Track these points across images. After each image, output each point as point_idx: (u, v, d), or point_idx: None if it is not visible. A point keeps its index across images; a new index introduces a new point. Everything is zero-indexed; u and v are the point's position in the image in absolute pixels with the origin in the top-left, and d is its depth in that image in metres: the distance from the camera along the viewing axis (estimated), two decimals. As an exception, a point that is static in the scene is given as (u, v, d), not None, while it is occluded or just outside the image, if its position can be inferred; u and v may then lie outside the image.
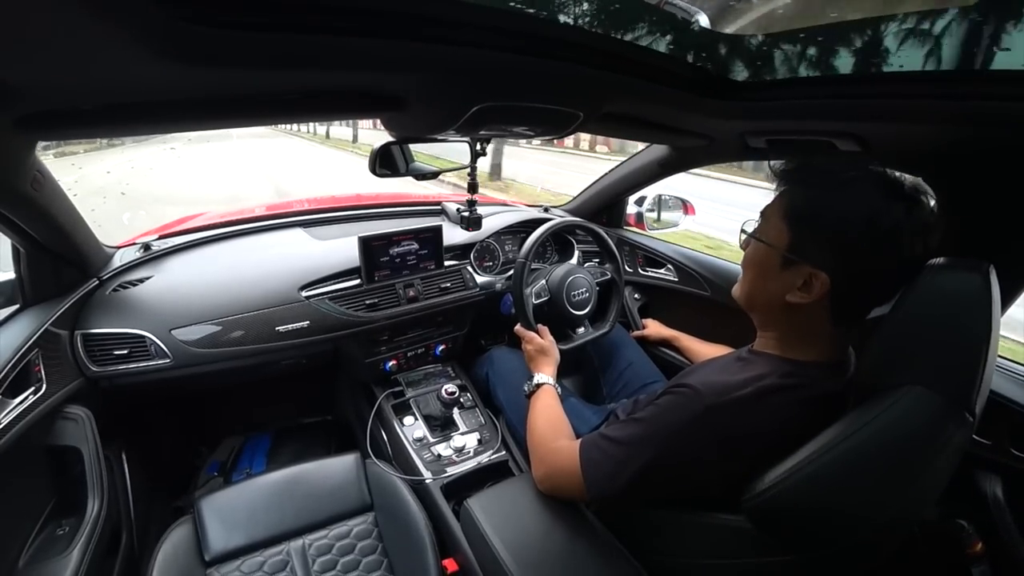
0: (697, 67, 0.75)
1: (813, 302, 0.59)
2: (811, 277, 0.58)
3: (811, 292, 0.59)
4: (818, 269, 0.58)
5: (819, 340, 0.63)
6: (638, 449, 0.66)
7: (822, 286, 0.58)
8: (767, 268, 0.63)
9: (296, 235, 1.36)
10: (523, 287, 1.20)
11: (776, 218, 0.62)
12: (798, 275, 0.59)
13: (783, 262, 0.61)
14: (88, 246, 1.02)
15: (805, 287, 0.59)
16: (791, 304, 0.60)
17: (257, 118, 0.68)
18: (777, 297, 0.62)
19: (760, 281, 0.65)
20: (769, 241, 0.62)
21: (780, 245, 0.61)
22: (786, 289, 0.61)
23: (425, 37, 0.51)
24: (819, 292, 0.58)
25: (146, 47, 0.40)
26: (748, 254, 0.67)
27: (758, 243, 0.64)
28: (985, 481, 0.82)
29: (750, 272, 0.67)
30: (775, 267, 0.62)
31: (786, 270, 0.61)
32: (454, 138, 0.92)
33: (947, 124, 0.68)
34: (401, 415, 1.25)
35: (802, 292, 0.59)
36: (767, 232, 0.63)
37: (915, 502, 0.54)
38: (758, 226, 0.65)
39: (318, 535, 0.96)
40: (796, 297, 0.60)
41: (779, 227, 0.61)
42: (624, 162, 1.52)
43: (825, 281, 0.58)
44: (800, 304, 0.60)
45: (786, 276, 0.61)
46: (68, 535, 0.85)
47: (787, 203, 0.61)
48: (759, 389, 0.60)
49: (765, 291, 0.64)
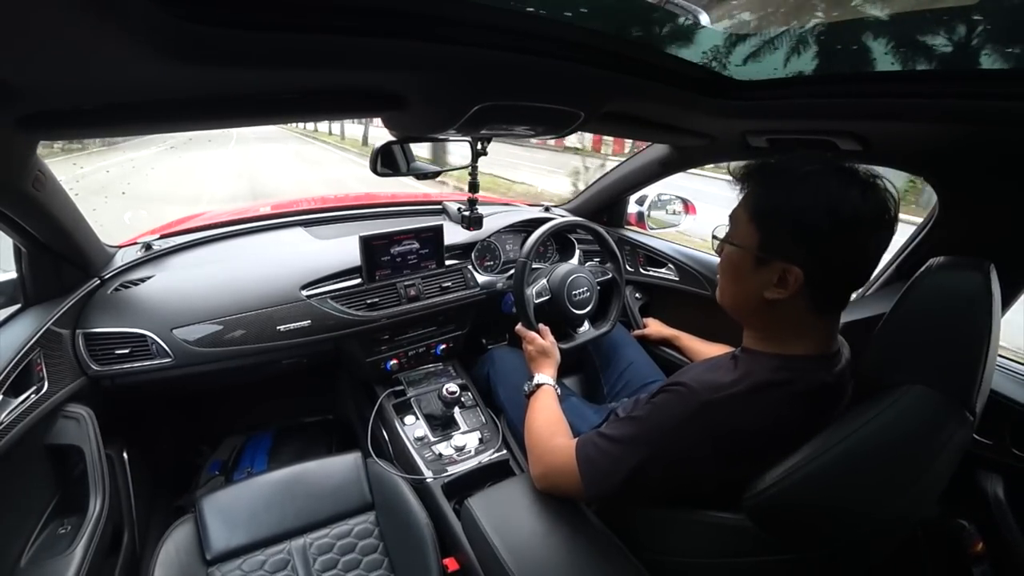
0: (698, 66, 0.75)
1: (791, 296, 0.60)
2: (785, 272, 0.60)
3: (787, 287, 0.60)
4: (790, 263, 0.59)
5: (806, 333, 0.64)
6: (634, 447, 0.67)
7: (796, 279, 0.59)
8: (742, 269, 0.65)
9: (297, 234, 1.36)
10: (524, 286, 1.20)
11: (743, 220, 0.63)
12: (772, 272, 0.61)
13: (756, 261, 0.62)
14: (89, 245, 1.02)
15: (781, 283, 0.60)
16: (770, 301, 0.62)
17: (258, 117, 0.68)
18: (755, 296, 0.63)
19: (737, 283, 0.66)
20: (740, 243, 0.64)
21: (751, 245, 0.62)
22: (763, 287, 0.62)
23: (426, 36, 0.51)
24: (795, 286, 0.60)
25: (146, 46, 0.40)
26: (723, 258, 0.69)
27: (730, 246, 0.66)
28: (986, 480, 0.82)
29: (726, 275, 0.68)
30: (749, 267, 0.63)
31: (760, 268, 0.62)
32: (455, 137, 0.92)
33: (948, 123, 0.68)
34: (402, 414, 1.25)
35: (778, 288, 0.61)
36: (737, 235, 0.65)
37: (916, 501, 0.54)
38: (728, 230, 0.67)
39: (319, 534, 0.96)
40: (773, 293, 0.61)
41: (747, 228, 0.63)
42: (625, 161, 1.52)
43: (798, 275, 0.59)
44: (779, 299, 0.61)
45: (761, 274, 0.62)
46: (70, 534, 0.85)
47: (752, 203, 0.63)
48: (752, 385, 0.61)
49: (744, 292, 0.65)
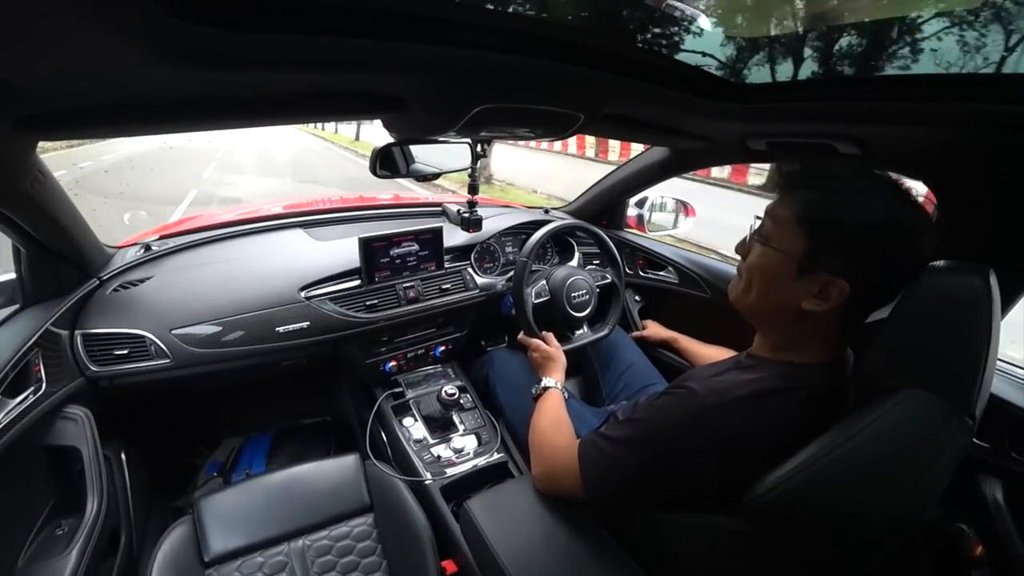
0: (698, 69, 0.75)
1: (830, 309, 0.58)
2: (828, 284, 0.57)
3: (829, 300, 0.58)
4: (837, 276, 0.57)
5: (822, 343, 0.63)
6: (635, 449, 0.66)
7: (841, 293, 0.57)
8: (780, 275, 0.61)
9: (296, 236, 1.36)
10: (524, 285, 1.20)
11: (789, 224, 0.60)
12: (814, 283, 0.58)
13: (799, 269, 0.59)
14: (88, 246, 1.02)
15: (822, 294, 0.58)
16: (805, 311, 0.59)
17: (257, 119, 0.68)
18: (791, 305, 0.60)
19: (771, 288, 0.63)
20: (783, 248, 0.61)
21: (795, 252, 0.59)
22: (801, 297, 0.59)
23: (426, 38, 0.51)
24: (838, 300, 0.57)
25: (146, 47, 0.40)
26: (755, 260, 0.65)
27: (768, 249, 0.62)
28: (985, 484, 0.82)
29: (759, 278, 0.64)
30: (789, 274, 0.60)
31: (802, 277, 0.59)
32: (455, 139, 0.92)
33: (946, 126, 0.68)
34: (401, 416, 1.25)
35: (818, 299, 0.58)
36: (779, 238, 0.61)
37: (915, 505, 0.54)
38: (766, 231, 0.63)
39: (317, 536, 0.96)
40: (812, 304, 0.59)
41: (794, 233, 0.59)
42: (624, 164, 1.52)
43: (844, 289, 0.56)
44: (815, 311, 0.59)
45: (802, 284, 0.59)
46: (67, 535, 0.84)
47: (802, 208, 0.59)
48: (757, 391, 0.60)
49: (778, 299, 0.62)
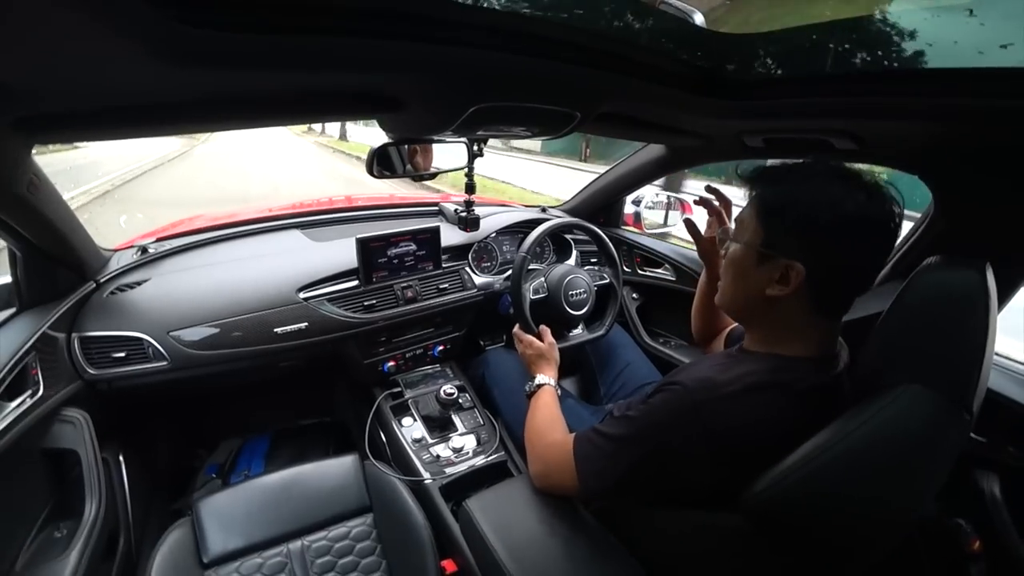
0: (694, 66, 0.76)
1: (792, 294, 0.61)
2: (787, 269, 0.61)
3: (789, 284, 0.61)
4: (792, 259, 0.60)
5: (806, 334, 0.64)
6: (628, 445, 0.67)
7: (797, 276, 0.60)
8: (744, 267, 0.66)
9: (293, 237, 1.35)
10: (522, 281, 1.20)
11: (750, 219, 0.65)
12: (775, 269, 0.62)
13: (759, 258, 0.63)
14: (85, 249, 1.02)
15: (782, 280, 0.61)
16: (771, 298, 0.63)
17: (253, 119, 0.68)
18: (757, 293, 0.64)
19: (739, 280, 0.67)
20: (745, 241, 0.65)
21: (754, 242, 0.64)
22: (764, 284, 0.63)
23: (422, 38, 0.51)
24: (796, 282, 0.60)
25: (144, 49, 0.40)
26: (726, 259, 0.70)
27: (735, 245, 0.67)
28: (983, 479, 0.83)
29: (728, 274, 0.70)
30: (752, 264, 0.64)
31: (762, 265, 0.63)
32: (451, 139, 0.92)
33: (942, 121, 0.68)
34: (400, 416, 1.24)
35: (780, 285, 0.62)
36: (741, 234, 0.66)
37: (913, 500, 0.54)
38: (734, 231, 0.68)
39: (316, 536, 0.95)
40: (775, 290, 0.62)
41: (753, 226, 0.64)
42: (621, 162, 1.52)
43: (800, 271, 0.60)
44: (780, 297, 0.62)
45: (763, 271, 0.63)
46: (66, 538, 0.84)
47: (759, 203, 0.64)
48: (747, 385, 0.61)
49: (745, 289, 0.66)
